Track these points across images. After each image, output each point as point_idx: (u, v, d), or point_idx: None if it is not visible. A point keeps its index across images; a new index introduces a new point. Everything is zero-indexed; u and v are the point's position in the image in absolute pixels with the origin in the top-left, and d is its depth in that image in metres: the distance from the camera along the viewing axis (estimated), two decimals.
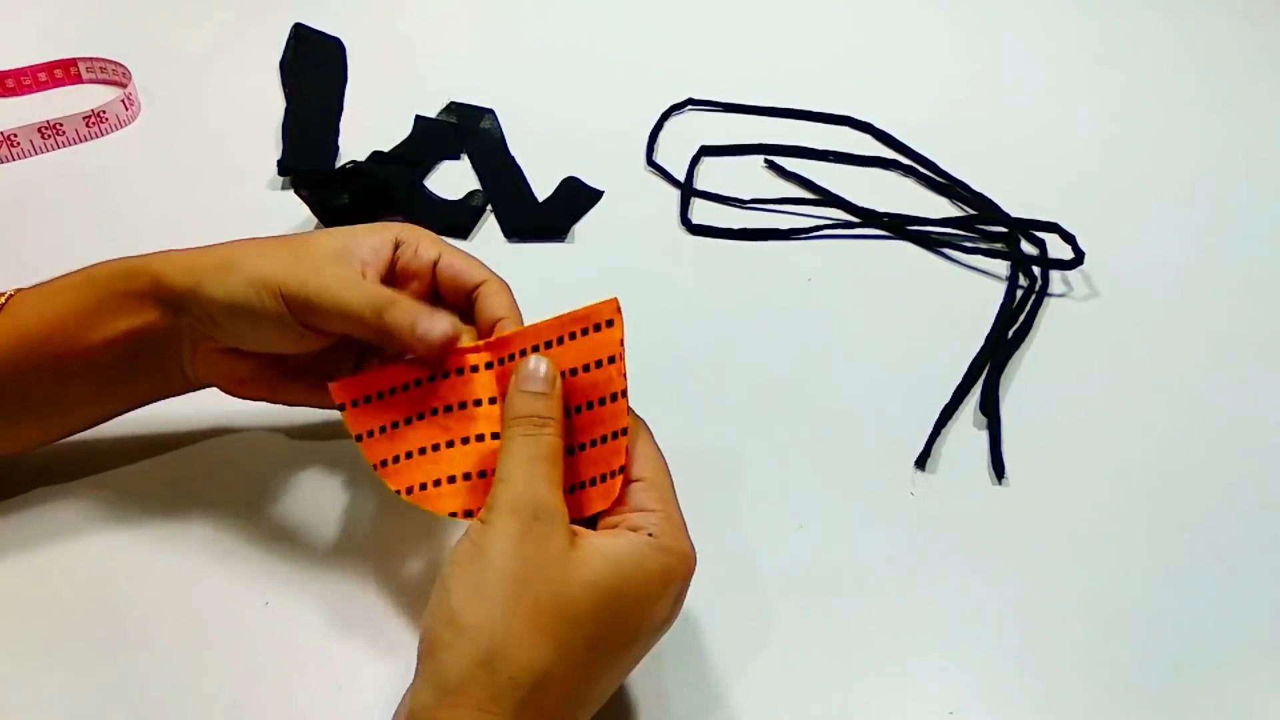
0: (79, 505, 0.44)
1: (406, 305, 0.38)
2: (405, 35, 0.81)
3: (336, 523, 0.44)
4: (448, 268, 0.42)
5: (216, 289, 0.39)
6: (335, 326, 0.39)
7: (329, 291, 0.38)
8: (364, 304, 0.38)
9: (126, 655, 0.39)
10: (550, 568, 0.32)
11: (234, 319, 0.39)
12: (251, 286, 0.39)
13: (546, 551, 0.32)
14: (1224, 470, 0.49)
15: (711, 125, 0.72)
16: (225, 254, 0.40)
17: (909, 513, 0.46)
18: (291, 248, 0.40)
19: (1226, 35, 0.86)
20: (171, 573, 0.42)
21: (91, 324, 0.40)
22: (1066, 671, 0.41)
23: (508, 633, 0.31)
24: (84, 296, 0.41)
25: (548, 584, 0.32)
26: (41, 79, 0.73)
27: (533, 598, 0.31)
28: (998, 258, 0.61)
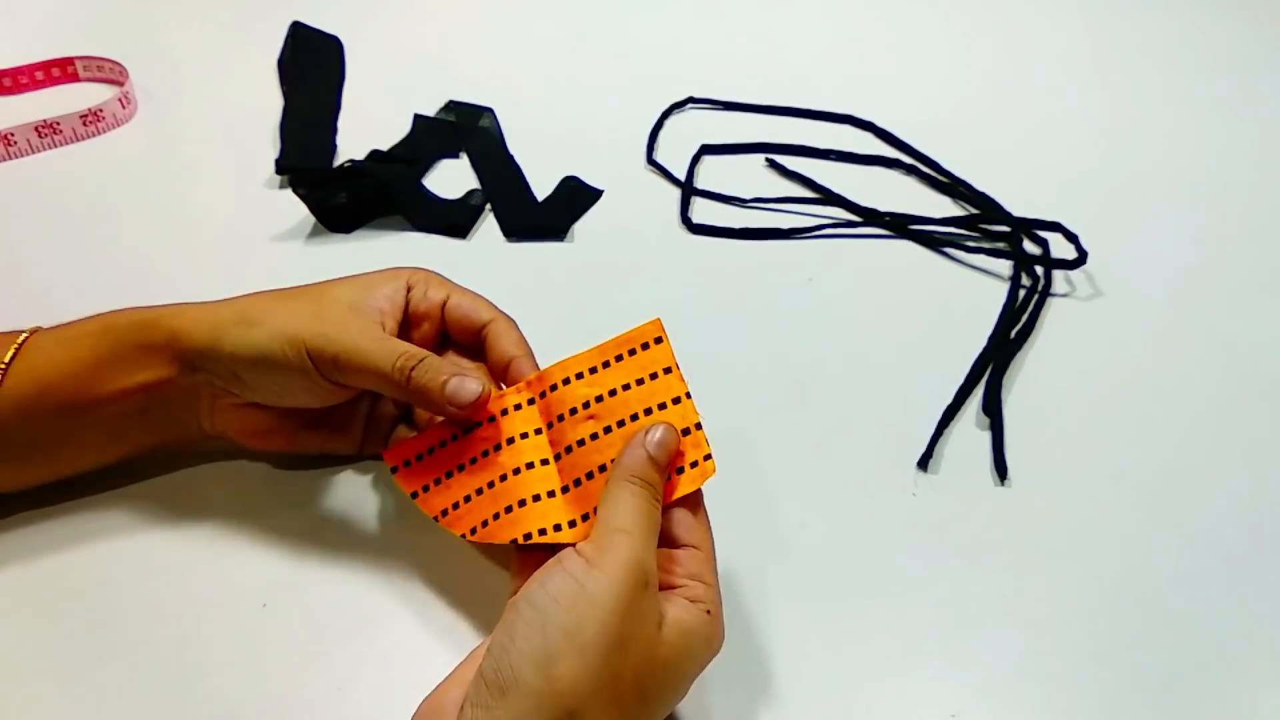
0: (79, 505, 0.44)
1: (434, 364, 0.39)
2: (404, 34, 0.81)
3: (335, 525, 0.44)
4: (456, 308, 0.43)
5: (239, 344, 0.39)
6: (361, 383, 0.40)
7: (357, 349, 0.39)
8: (390, 363, 0.39)
9: (126, 656, 0.39)
10: (643, 642, 0.32)
11: (257, 374, 0.40)
12: (276, 342, 0.39)
13: (644, 625, 0.32)
14: (1226, 470, 0.49)
15: (712, 124, 0.72)
16: (245, 308, 0.41)
17: (911, 513, 0.46)
18: (311, 301, 0.41)
19: (1229, 35, 0.86)
20: (170, 574, 0.42)
21: (106, 375, 0.40)
22: (1068, 673, 0.40)
23: (592, 698, 0.30)
24: (99, 346, 0.41)
25: (637, 659, 0.32)
26: (38, 77, 0.72)
27: (620, 668, 0.31)
28: (1000, 257, 0.61)
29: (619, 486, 0.35)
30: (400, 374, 0.38)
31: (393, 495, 0.45)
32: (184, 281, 0.57)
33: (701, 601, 0.35)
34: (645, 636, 0.32)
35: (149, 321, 0.41)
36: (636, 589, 0.32)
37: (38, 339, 0.41)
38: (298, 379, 0.40)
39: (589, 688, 0.30)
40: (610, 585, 0.32)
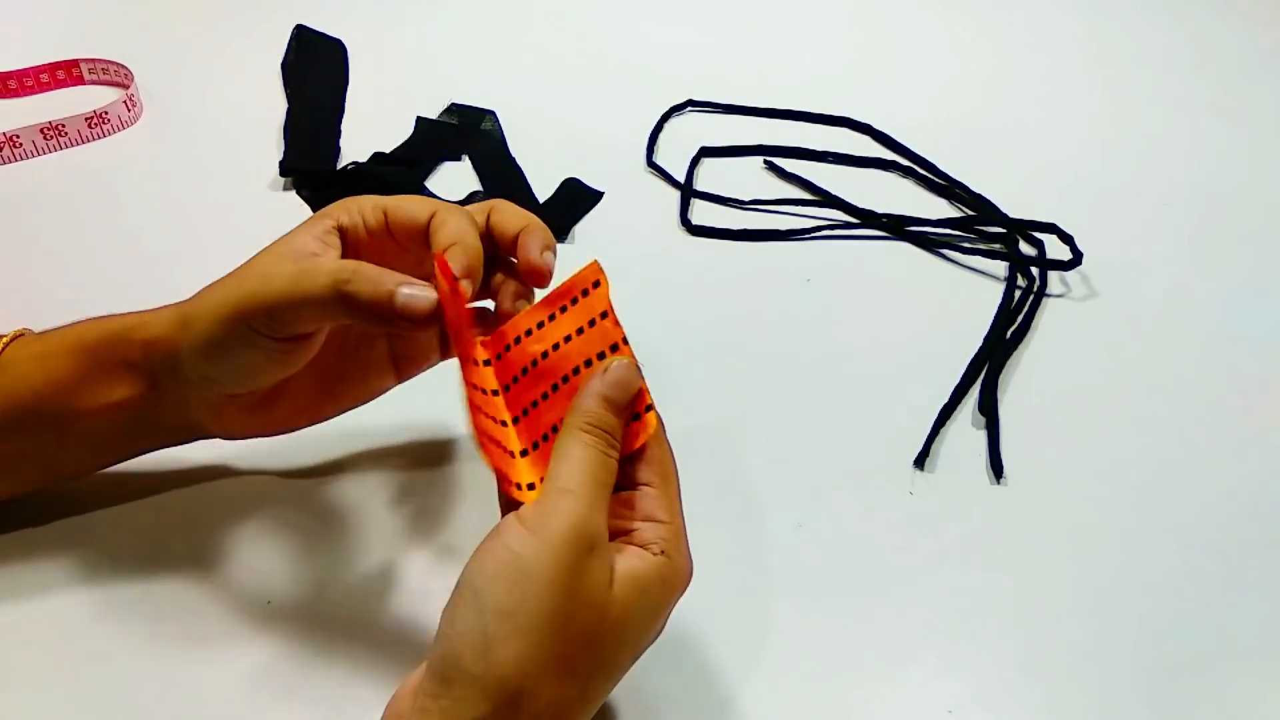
0: (79, 506, 0.44)
1: (369, 273, 0.35)
2: (406, 37, 0.81)
3: (339, 521, 0.44)
4: (395, 211, 0.38)
5: (190, 347, 0.37)
6: (306, 324, 0.36)
7: (282, 291, 0.35)
8: (321, 286, 0.35)
9: (126, 655, 0.39)
10: (591, 608, 0.30)
11: (218, 366, 0.37)
12: (215, 327, 0.36)
13: (591, 590, 0.30)
14: (1222, 469, 0.49)
15: (711, 126, 0.72)
16: (188, 307, 0.38)
17: (908, 512, 0.47)
18: (237, 272, 0.38)
19: (1224, 36, 0.87)
20: (172, 573, 0.42)
21: (86, 393, 0.39)
22: (1065, 671, 0.41)
23: (539, 676, 0.29)
24: (77, 364, 0.39)
25: (586, 625, 0.30)
26: (44, 80, 0.73)
27: (567, 639, 0.30)
28: (996, 258, 0.61)
29: (568, 437, 0.32)
30: (334, 293, 0.34)
31: (396, 494, 0.46)
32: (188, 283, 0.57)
33: (653, 544, 0.33)
34: (593, 602, 0.30)
35: (121, 336, 0.39)
36: (579, 554, 0.30)
37: (13, 353, 0.39)
38: (251, 352, 0.37)
39: (534, 667, 0.29)
40: (550, 557, 0.29)
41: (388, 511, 0.45)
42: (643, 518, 0.34)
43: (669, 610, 0.34)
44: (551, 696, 0.29)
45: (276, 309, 0.35)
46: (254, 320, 0.36)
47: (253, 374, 0.38)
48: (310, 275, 0.35)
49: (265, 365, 0.38)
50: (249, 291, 0.36)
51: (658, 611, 0.33)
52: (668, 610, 0.34)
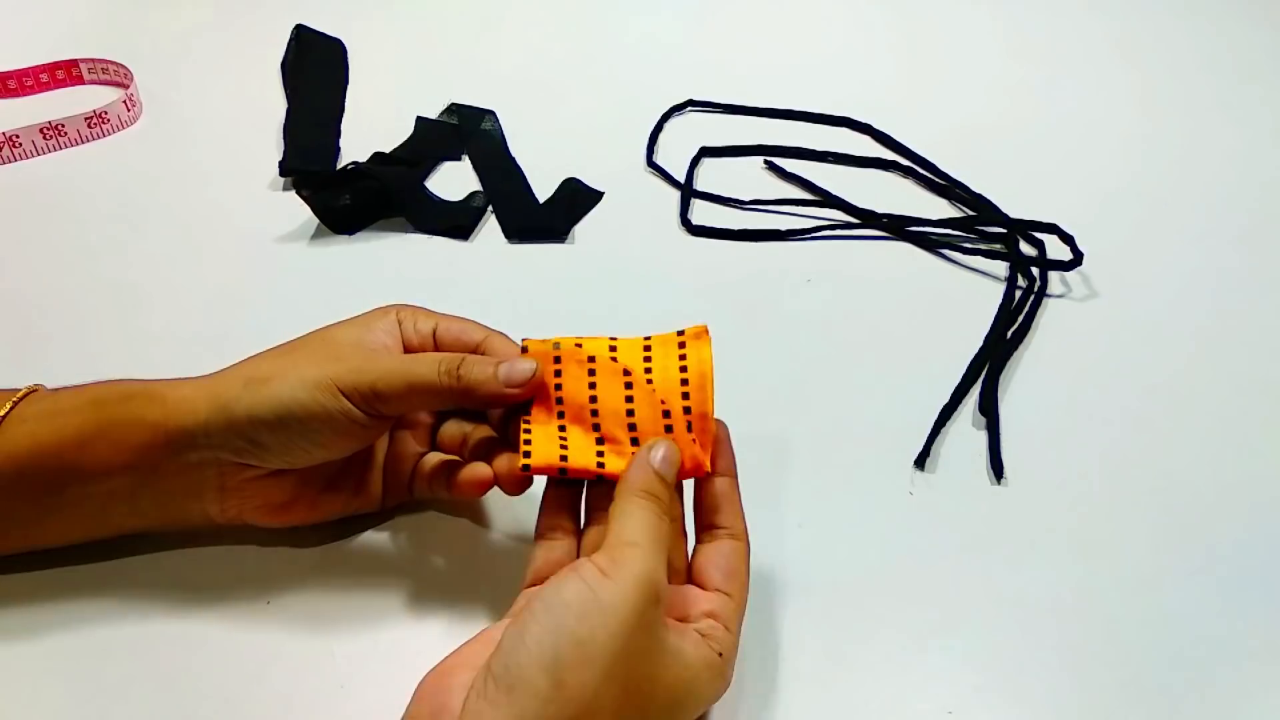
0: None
1: (476, 359, 0.39)
2: (406, 36, 0.81)
3: (339, 523, 0.44)
4: (447, 332, 0.42)
5: (256, 405, 0.37)
6: (407, 405, 0.39)
7: (393, 370, 0.38)
8: (434, 370, 0.38)
9: (126, 655, 0.39)
10: (649, 660, 0.32)
11: (281, 433, 0.38)
12: (302, 390, 0.37)
13: (652, 642, 0.32)
14: (1223, 470, 0.49)
15: (711, 126, 0.72)
16: (249, 370, 0.39)
17: (908, 512, 0.47)
18: (318, 346, 0.40)
19: (1223, 37, 0.87)
20: (172, 572, 0.42)
21: (90, 450, 0.38)
22: (1065, 671, 0.41)
23: (597, 707, 0.30)
24: (86, 420, 0.38)
25: (644, 673, 0.32)
26: (43, 80, 0.73)
27: (625, 682, 0.31)
28: (996, 258, 0.61)
29: (627, 501, 0.35)
30: (449, 376, 0.38)
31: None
32: (188, 283, 0.57)
33: (713, 640, 0.35)
34: (653, 652, 0.32)
35: (141, 392, 0.39)
36: (648, 602, 0.32)
37: (23, 409, 0.39)
38: (332, 426, 0.38)
39: (594, 696, 0.30)
40: (623, 596, 0.31)
41: (387, 512, 0.45)
42: (709, 615, 0.36)
43: (701, 710, 0.35)
44: None
45: (384, 388, 0.38)
46: (354, 393, 0.38)
47: (314, 447, 0.38)
48: (421, 363, 0.39)
49: (333, 441, 0.39)
50: (352, 368, 0.38)
51: (697, 702, 0.34)
52: (700, 708, 0.35)
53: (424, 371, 0.38)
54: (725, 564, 0.37)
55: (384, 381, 0.38)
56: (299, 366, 0.38)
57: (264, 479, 0.40)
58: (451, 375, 0.38)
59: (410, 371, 0.38)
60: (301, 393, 0.37)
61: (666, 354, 0.40)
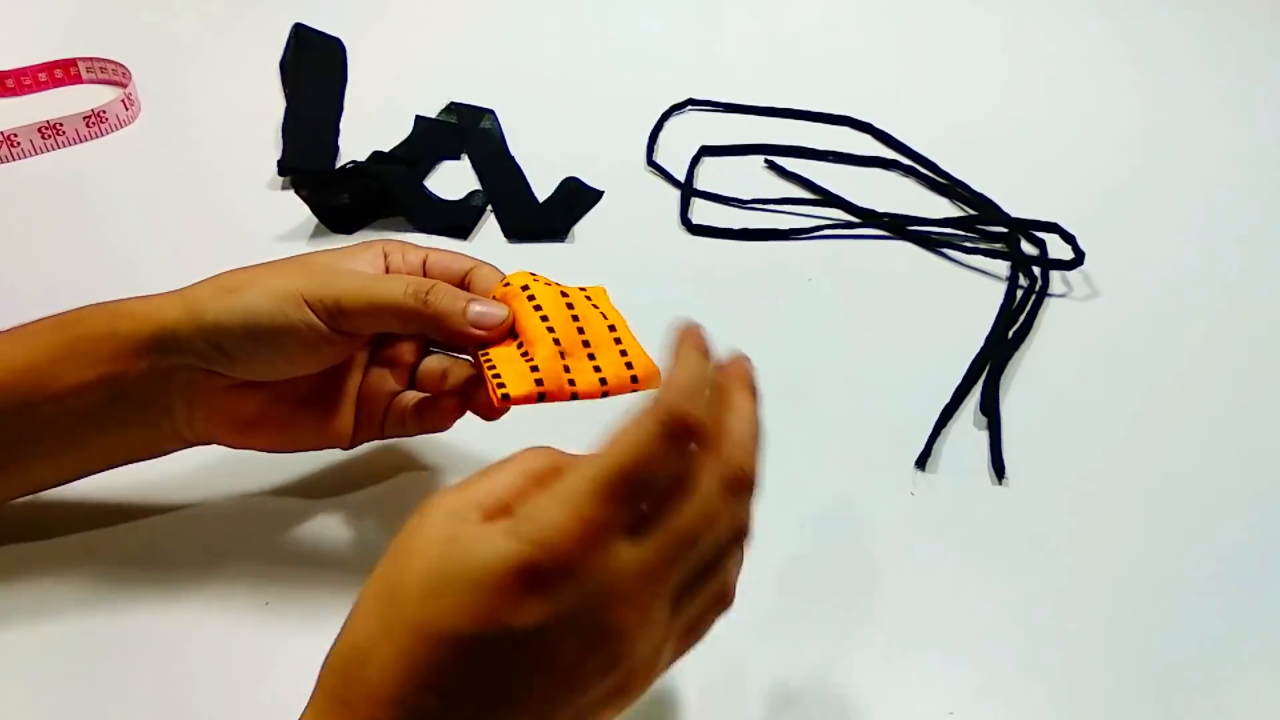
0: (78, 505, 0.44)
1: (448, 289, 0.38)
2: (405, 35, 0.81)
3: (337, 523, 0.44)
4: (437, 263, 0.42)
5: (224, 312, 0.37)
6: (371, 325, 0.39)
7: (360, 287, 0.38)
8: (401, 291, 0.38)
9: (126, 655, 0.39)
10: (404, 551, 0.29)
11: (249, 342, 0.37)
12: (271, 300, 0.37)
13: (414, 537, 0.29)
14: (1223, 470, 0.49)
15: (711, 125, 0.72)
16: (222, 279, 0.39)
17: (909, 512, 0.46)
18: (293, 263, 0.39)
19: (1225, 35, 0.87)
20: (171, 573, 0.42)
21: (62, 369, 0.37)
22: (1066, 671, 0.41)
23: (356, 612, 0.30)
24: (56, 339, 0.38)
25: (393, 566, 0.29)
26: (41, 79, 0.73)
27: (380, 575, 0.30)
28: (998, 258, 0.61)
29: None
30: (416, 299, 0.37)
31: (396, 494, 0.46)
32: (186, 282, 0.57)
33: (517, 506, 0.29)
34: (405, 548, 0.29)
35: (112, 309, 0.39)
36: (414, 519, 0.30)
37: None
38: (296, 337, 0.37)
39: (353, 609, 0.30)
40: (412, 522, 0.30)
41: (386, 512, 0.45)
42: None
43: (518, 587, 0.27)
44: (352, 635, 0.29)
45: (349, 303, 0.37)
46: (319, 308, 0.37)
47: (280, 360, 0.38)
48: (389, 282, 0.38)
49: (298, 355, 0.38)
50: (320, 281, 0.38)
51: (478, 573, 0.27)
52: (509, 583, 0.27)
53: (390, 289, 0.38)
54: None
55: (349, 295, 0.37)
56: (268, 278, 0.38)
57: (233, 391, 0.40)
58: (419, 299, 0.38)
59: (376, 289, 0.38)
60: (267, 302, 0.37)
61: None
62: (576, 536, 0.27)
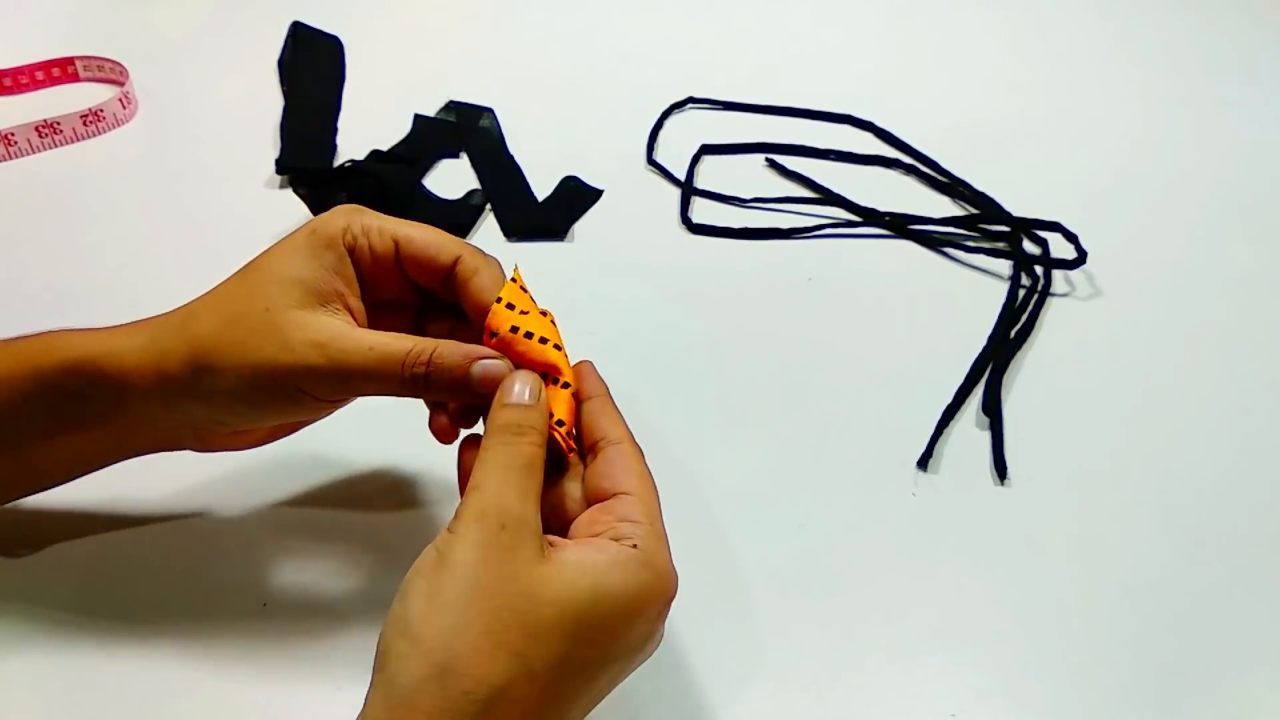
0: (76, 504, 0.44)
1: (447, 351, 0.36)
2: (404, 34, 0.81)
3: (334, 524, 0.44)
4: (410, 245, 0.38)
5: (205, 399, 0.36)
6: (367, 393, 0.37)
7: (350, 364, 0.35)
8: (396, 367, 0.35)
9: (124, 656, 0.39)
10: (516, 580, 0.30)
11: (232, 416, 0.37)
12: (248, 384, 0.35)
13: (513, 563, 0.30)
14: (1226, 470, 0.49)
15: (712, 124, 0.72)
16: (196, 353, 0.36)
17: (911, 513, 0.46)
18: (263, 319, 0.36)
19: (1228, 35, 0.86)
20: (170, 574, 0.42)
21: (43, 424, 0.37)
22: (1068, 672, 0.40)
23: (463, 646, 0.29)
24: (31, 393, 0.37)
25: (512, 597, 0.30)
26: (39, 77, 0.72)
27: (494, 609, 0.29)
28: (1000, 257, 0.61)
29: (481, 450, 0.33)
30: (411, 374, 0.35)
31: (395, 495, 0.45)
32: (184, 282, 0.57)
33: (627, 538, 0.32)
34: (517, 573, 0.30)
35: (89, 367, 0.36)
36: (489, 532, 0.30)
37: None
38: (287, 408, 0.37)
39: (456, 637, 0.29)
40: (462, 538, 0.30)
41: (384, 512, 0.45)
42: (618, 518, 0.33)
43: (652, 616, 0.32)
44: (482, 672, 0.29)
45: (342, 383, 0.36)
46: (311, 388, 0.36)
47: (278, 420, 0.38)
48: (380, 353, 0.35)
49: (297, 415, 0.38)
50: (304, 362, 0.35)
51: (629, 610, 0.31)
52: (650, 616, 0.32)
53: (387, 368, 0.35)
54: (613, 470, 0.35)
55: (341, 375, 0.35)
56: (248, 354, 0.35)
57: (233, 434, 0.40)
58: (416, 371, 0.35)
59: (368, 367, 0.35)
60: (251, 392, 0.36)
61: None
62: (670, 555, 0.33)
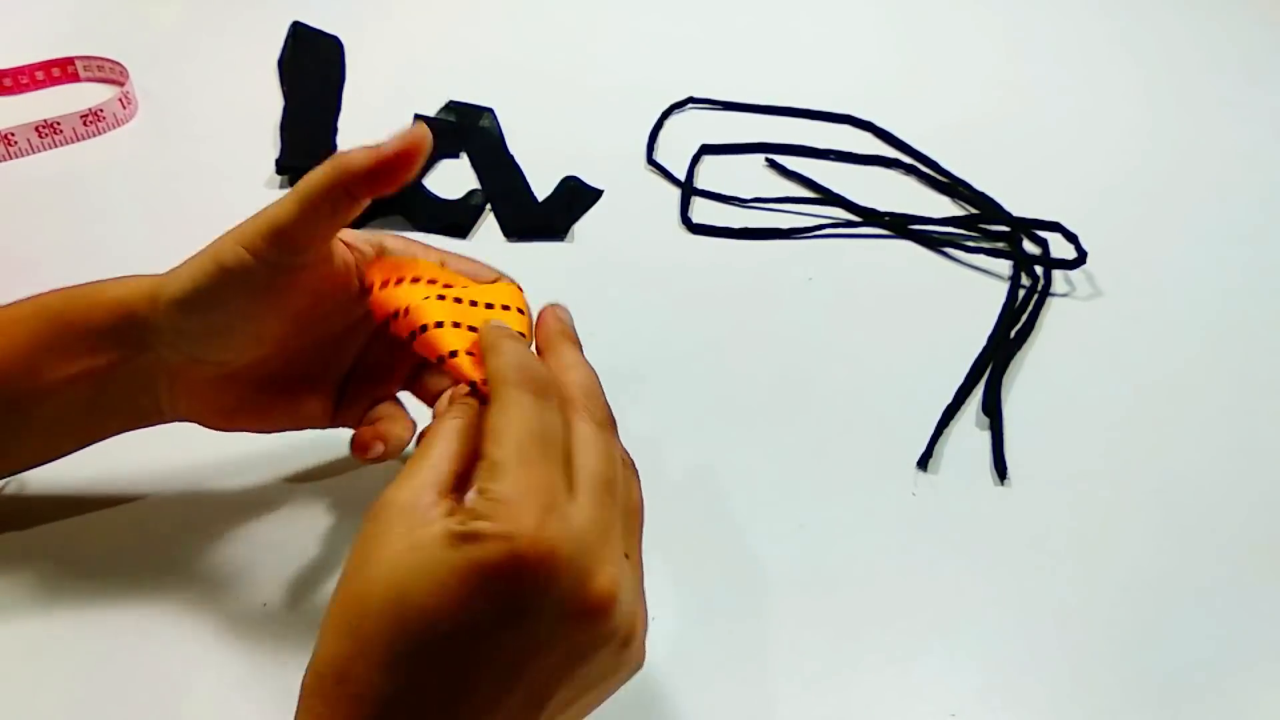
0: (75, 504, 0.44)
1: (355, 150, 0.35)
2: (404, 34, 0.81)
3: (334, 523, 0.44)
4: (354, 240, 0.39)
5: (174, 287, 0.36)
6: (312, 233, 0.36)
7: (281, 210, 0.35)
8: (318, 179, 0.35)
9: (123, 656, 0.39)
10: (365, 563, 0.28)
11: (201, 311, 0.36)
12: (210, 262, 0.36)
13: (373, 546, 0.29)
14: (1226, 470, 0.49)
15: (712, 124, 0.72)
16: (167, 273, 0.38)
17: (911, 513, 0.46)
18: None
19: (1230, 34, 0.86)
20: (169, 574, 0.42)
21: (46, 364, 0.37)
22: (1068, 673, 0.40)
23: (322, 633, 0.29)
24: (37, 332, 0.37)
25: (355, 579, 0.29)
26: (39, 77, 0.72)
27: (342, 595, 0.29)
28: (1000, 257, 0.61)
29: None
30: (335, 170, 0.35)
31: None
32: None
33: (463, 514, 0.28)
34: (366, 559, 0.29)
35: (86, 299, 0.38)
36: (365, 527, 0.29)
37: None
38: (245, 291, 0.36)
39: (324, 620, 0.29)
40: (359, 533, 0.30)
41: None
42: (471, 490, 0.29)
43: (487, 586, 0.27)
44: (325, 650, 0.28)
45: (285, 225, 0.35)
46: (257, 248, 0.35)
47: (237, 319, 0.37)
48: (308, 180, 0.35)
49: (251, 309, 0.37)
50: (250, 228, 0.36)
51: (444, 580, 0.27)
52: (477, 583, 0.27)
53: (310, 184, 0.35)
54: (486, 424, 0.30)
55: (281, 219, 0.35)
56: (199, 254, 0.37)
57: (211, 382, 0.39)
58: (336, 168, 0.35)
59: (302, 191, 0.35)
60: (209, 264, 0.36)
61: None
62: (532, 514, 0.27)
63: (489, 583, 0.27)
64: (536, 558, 0.27)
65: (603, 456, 0.31)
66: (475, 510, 0.28)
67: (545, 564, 0.27)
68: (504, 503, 0.28)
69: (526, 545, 0.27)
